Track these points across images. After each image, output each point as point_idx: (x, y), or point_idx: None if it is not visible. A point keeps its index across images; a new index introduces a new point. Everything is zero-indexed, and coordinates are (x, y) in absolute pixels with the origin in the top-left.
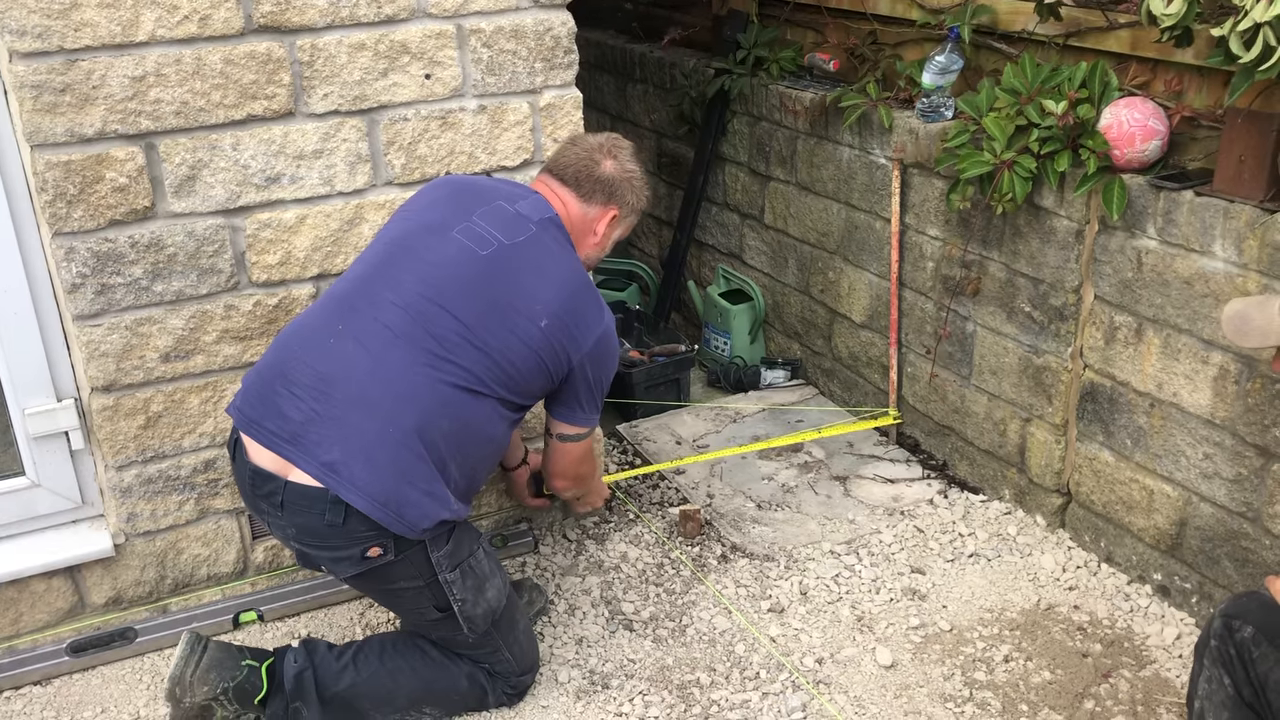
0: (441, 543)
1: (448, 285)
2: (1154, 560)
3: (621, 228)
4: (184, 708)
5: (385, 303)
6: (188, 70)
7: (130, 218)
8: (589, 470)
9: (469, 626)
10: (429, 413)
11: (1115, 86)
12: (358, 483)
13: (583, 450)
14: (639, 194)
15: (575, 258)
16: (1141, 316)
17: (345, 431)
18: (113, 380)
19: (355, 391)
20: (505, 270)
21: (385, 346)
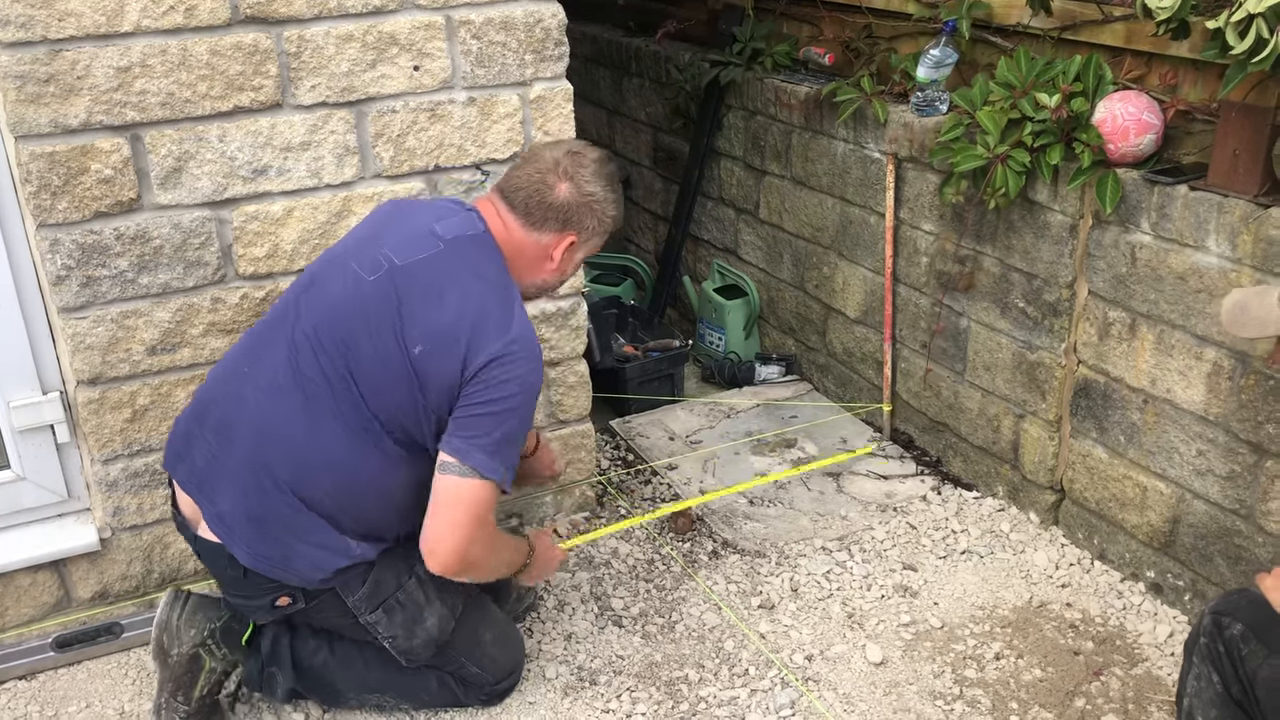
0: (355, 586)
1: (325, 319)
2: (1147, 558)
3: (585, 250)
4: (173, 661)
5: (280, 343)
6: (174, 61)
7: (116, 210)
8: (481, 549)
9: (407, 659)
10: (307, 466)
11: (1110, 80)
12: (241, 537)
13: (464, 500)
14: (601, 217)
15: (489, 275)
16: (1135, 312)
17: (233, 482)
18: (98, 373)
19: (243, 441)
20: (386, 294)
21: (270, 393)
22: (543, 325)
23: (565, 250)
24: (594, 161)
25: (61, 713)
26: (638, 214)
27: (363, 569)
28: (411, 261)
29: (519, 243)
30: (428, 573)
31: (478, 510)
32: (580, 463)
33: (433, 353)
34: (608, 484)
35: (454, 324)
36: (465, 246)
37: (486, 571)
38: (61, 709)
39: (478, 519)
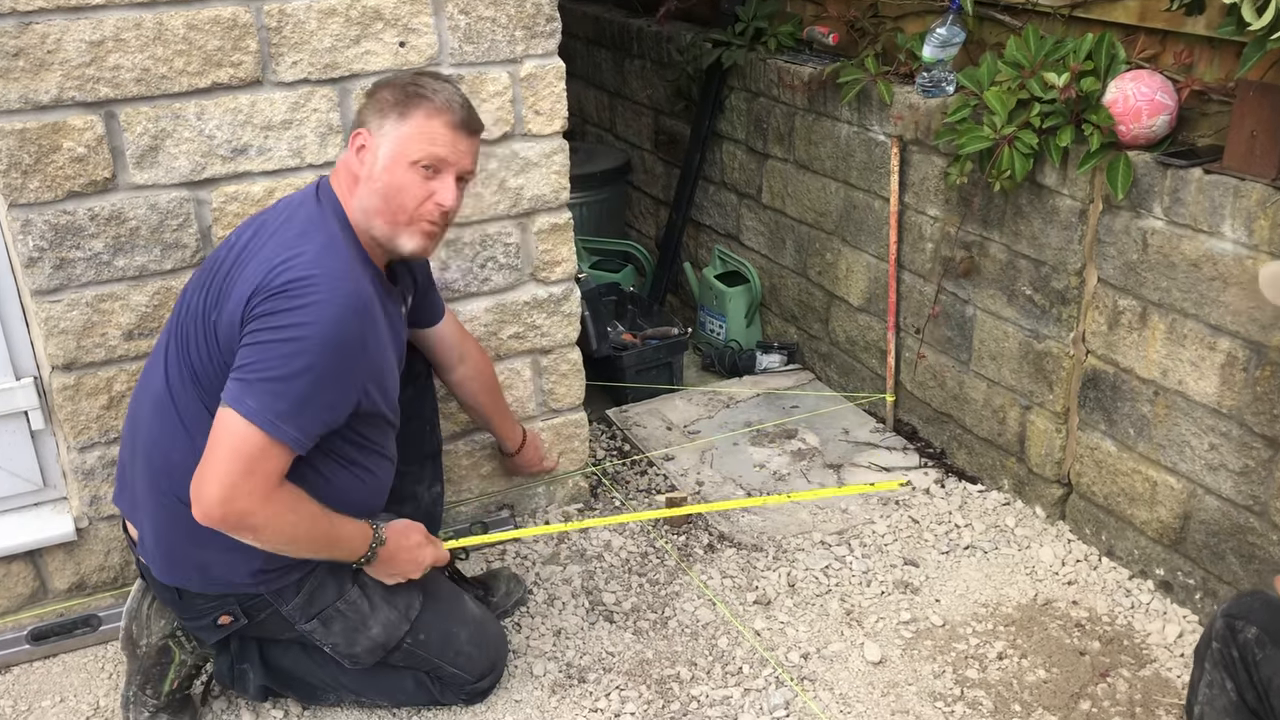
0: (289, 595)
1: (178, 322)
2: (1157, 555)
3: (388, 141)
4: (142, 652)
5: (159, 354)
6: (149, 35)
7: (90, 189)
8: (248, 499)
9: (351, 663)
10: (184, 478)
11: (1122, 59)
12: (158, 557)
13: (227, 440)
14: (390, 89)
15: (298, 216)
16: (1146, 300)
17: (145, 504)
18: (73, 358)
19: (144, 460)
20: (218, 279)
21: (154, 408)
22: (534, 312)
23: (358, 147)
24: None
25: (35, 707)
26: (639, 199)
27: (296, 576)
28: (241, 238)
29: (339, 168)
30: (365, 588)
31: (244, 456)
32: (573, 453)
33: (227, 311)
34: (602, 475)
35: (252, 275)
36: (286, 202)
37: (275, 538)
38: (35, 703)
39: (245, 468)
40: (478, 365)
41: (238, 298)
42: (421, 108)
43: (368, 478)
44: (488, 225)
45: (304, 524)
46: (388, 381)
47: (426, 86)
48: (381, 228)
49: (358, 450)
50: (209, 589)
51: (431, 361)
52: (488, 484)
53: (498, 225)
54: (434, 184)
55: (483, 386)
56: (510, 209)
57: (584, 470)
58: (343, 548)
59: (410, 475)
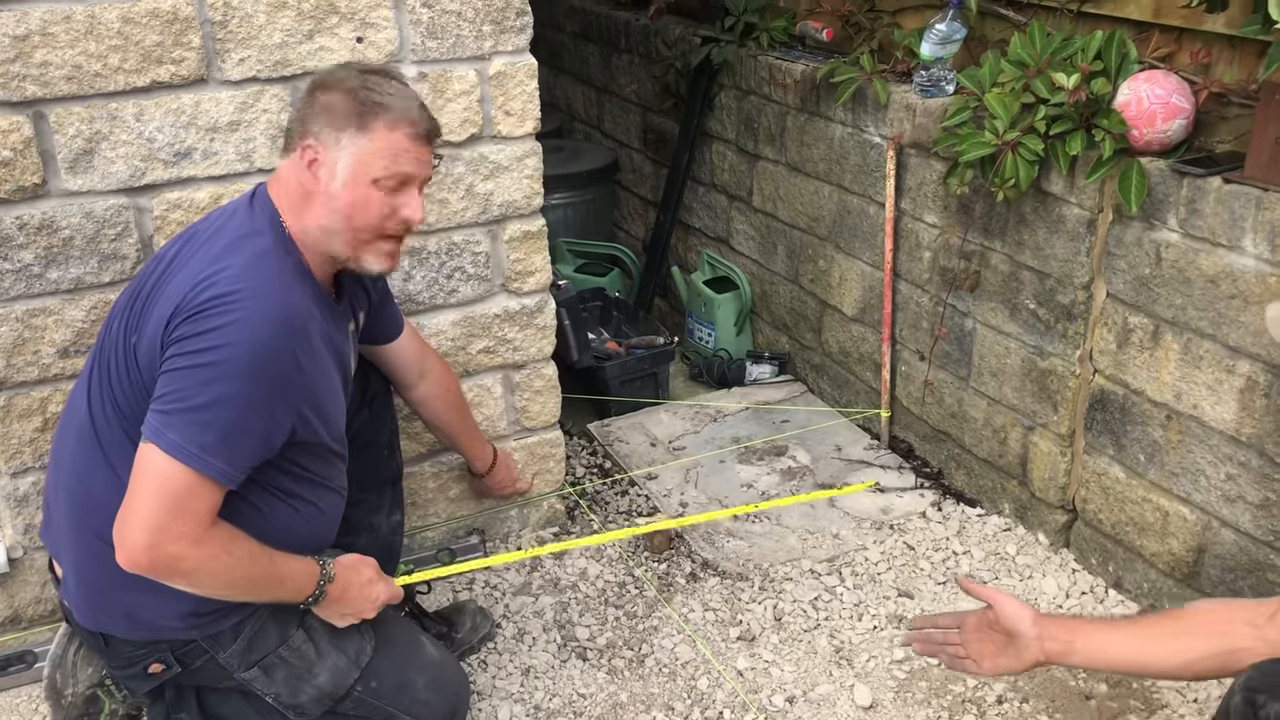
0: (226, 641)
1: (100, 351)
2: (1168, 589)
3: (346, 156)
4: (67, 703)
5: (82, 383)
6: (80, 30)
7: (17, 196)
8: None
9: (296, 715)
10: (107, 516)
11: (1135, 59)
12: (81, 601)
13: (148, 477)
14: (343, 97)
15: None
16: (1159, 318)
17: (64, 538)
18: (4, 377)
19: (66, 499)
20: (145, 287)
21: (78, 442)
22: (506, 325)
23: (309, 161)
24: (355, 66)
25: None
26: (627, 199)
27: (235, 620)
28: (160, 258)
29: (280, 178)
30: (322, 621)
31: (169, 495)
32: (548, 473)
33: (146, 335)
34: (579, 497)
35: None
36: (220, 211)
37: (211, 582)
38: None
39: (172, 508)
40: (441, 381)
41: (158, 318)
42: (381, 118)
43: (310, 512)
44: (454, 233)
45: (241, 566)
46: (328, 406)
47: (381, 92)
48: (343, 248)
49: (297, 483)
50: (136, 635)
51: (391, 379)
52: (456, 507)
53: (465, 233)
54: (399, 199)
55: (448, 404)
56: (479, 216)
57: (560, 492)
58: (287, 588)
59: (366, 504)
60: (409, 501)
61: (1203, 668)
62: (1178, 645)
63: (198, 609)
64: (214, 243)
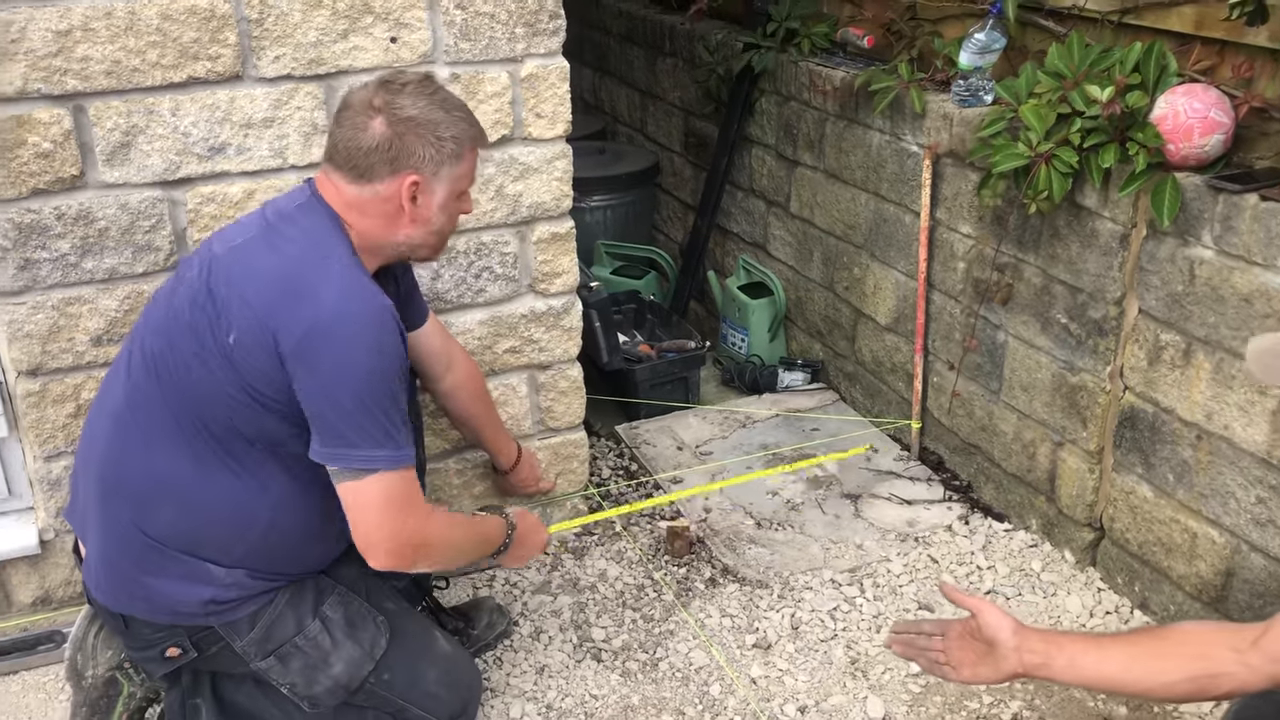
0: (243, 629)
1: (151, 332)
2: (1194, 612)
3: (445, 185)
4: (87, 684)
5: (121, 365)
6: (120, 26)
7: (56, 187)
8: (413, 530)
9: (310, 705)
10: (143, 499)
11: (1174, 71)
12: (102, 581)
13: (372, 501)
14: (437, 140)
15: (306, 241)
16: (1191, 336)
17: (95, 526)
18: (39, 364)
19: (96, 479)
20: (201, 289)
21: (113, 423)
22: (532, 325)
23: (412, 193)
24: (411, 84)
25: None
26: (667, 202)
27: (252, 609)
28: (230, 248)
29: (353, 202)
30: (337, 611)
31: (389, 502)
32: (572, 474)
33: (244, 340)
34: (601, 499)
35: (259, 301)
36: (290, 218)
37: (445, 555)
38: None
39: (396, 510)
40: (467, 373)
41: (267, 341)
42: (467, 146)
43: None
44: (483, 233)
45: (463, 531)
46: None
47: (458, 115)
48: (428, 253)
49: None
50: (156, 618)
51: (417, 371)
52: (479, 504)
53: (494, 233)
54: (463, 201)
55: (473, 396)
56: (508, 217)
57: (583, 492)
58: (492, 542)
59: None
60: (432, 497)
61: (1182, 690)
62: (1158, 665)
63: (216, 596)
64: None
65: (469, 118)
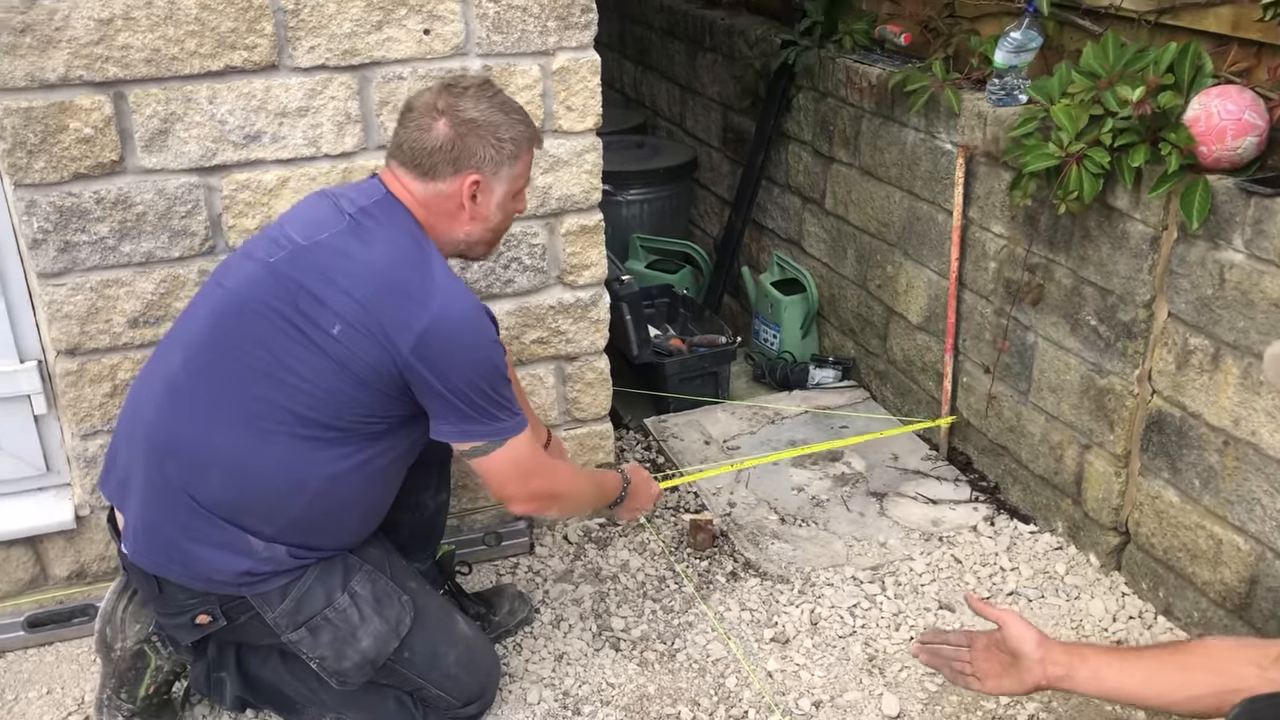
0: (274, 601)
1: (222, 309)
2: (1218, 619)
3: (504, 184)
4: (116, 656)
5: (179, 343)
6: (160, 15)
7: (96, 171)
8: (543, 483)
9: (338, 681)
10: (197, 464)
11: (1209, 72)
12: (142, 544)
13: (506, 466)
14: (497, 142)
15: (400, 240)
16: (1220, 340)
17: (138, 490)
18: (77, 344)
19: (145, 445)
20: (288, 275)
21: (168, 392)
22: (560, 316)
23: (473, 192)
24: (472, 87)
25: (22, 697)
26: (705, 197)
27: (283, 582)
28: (316, 241)
29: (421, 199)
30: (365, 587)
31: (518, 465)
32: (598, 465)
33: (351, 333)
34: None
35: (369, 301)
36: (371, 214)
37: (572, 503)
38: (23, 693)
39: (526, 471)
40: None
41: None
42: (524, 147)
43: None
44: (512, 224)
45: (586, 483)
46: None
47: (516, 118)
48: (484, 249)
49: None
50: (191, 583)
51: None
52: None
53: (523, 225)
54: (518, 199)
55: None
56: (537, 209)
57: None
58: (610, 493)
59: (414, 481)
60: (459, 484)
61: (1203, 705)
62: (1180, 679)
63: (252, 569)
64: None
65: (526, 120)
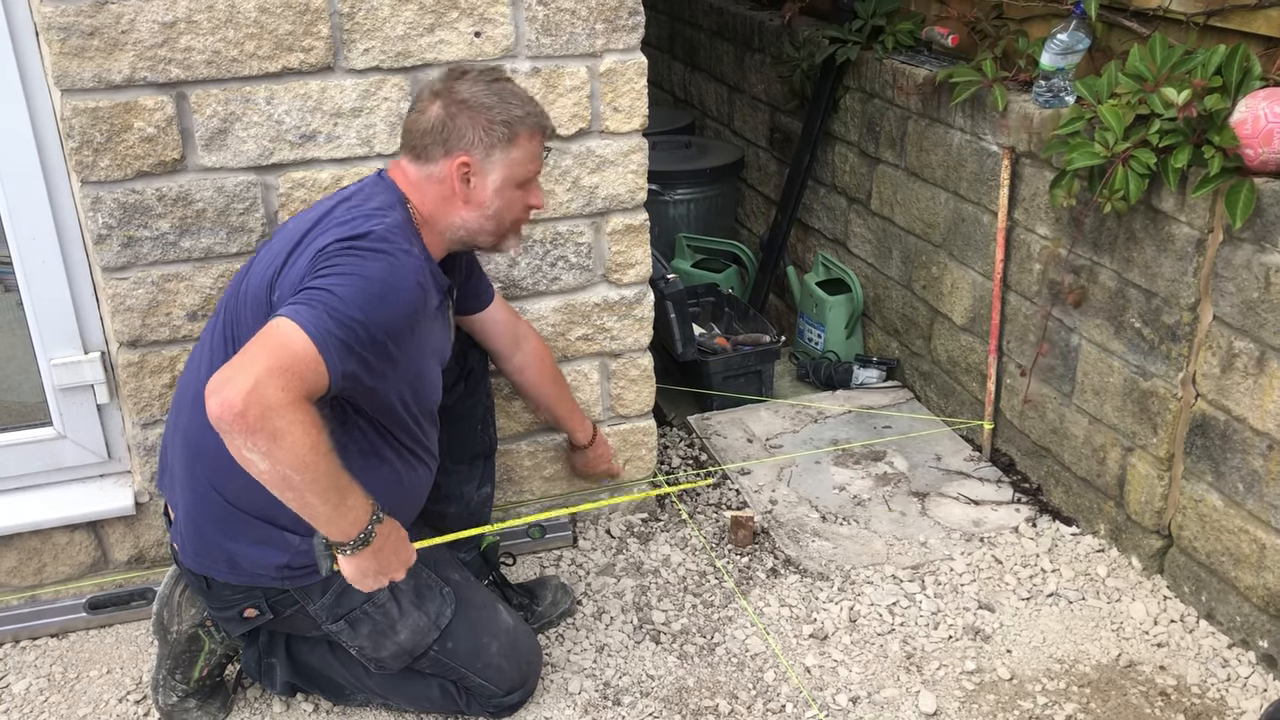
0: (315, 594)
1: (228, 308)
2: (1261, 625)
3: (498, 169)
4: (172, 638)
5: (205, 339)
6: (220, 18)
7: (158, 169)
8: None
9: (377, 667)
10: (221, 465)
11: (1258, 75)
12: (188, 543)
13: (266, 341)
14: (487, 123)
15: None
16: (1265, 344)
17: (179, 484)
18: (138, 336)
19: (183, 446)
20: (267, 258)
21: (194, 397)
22: (605, 314)
23: (462, 174)
24: (473, 72)
25: (83, 675)
26: (751, 197)
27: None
28: (294, 218)
29: (415, 182)
30: (406, 580)
31: (285, 352)
32: (640, 460)
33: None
34: (666, 484)
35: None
36: (358, 187)
37: (291, 453)
38: (84, 672)
39: (283, 364)
40: (536, 350)
41: (308, 256)
42: (523, 130)
43: (391, 477)
44: (559, 223)
45: (320, 449)
46: (426, 376)
47: (518, 103)
48: (489, 240)
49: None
50: (236, 580)
51: (488, 350)
52: (549, 486)
53: (569, 224)
54: (529, 191)
55: (544, 372)
56: (583, 208)
57: (650, 479)
58: (346, 505)
59: (458, 474)
60: (504, 478)
61: None
62: None
63: (291, 562)
64: (363, 205)
65: (528, 106)
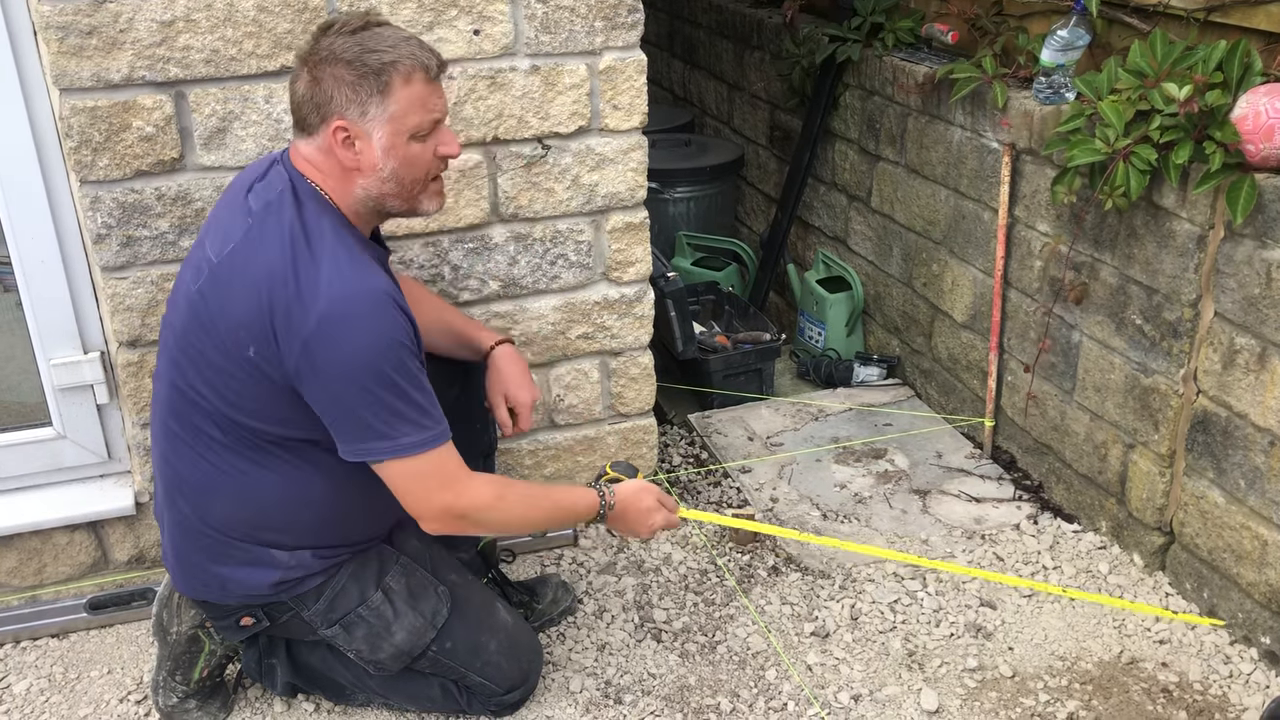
0: (309, 601)
1: (175, 338)
2: (1263, 621)
3: (383, 126)
4: (172, 640)
5: (161, 364)
6: (219, 17)
7: (157, 169)
8: (450, 499)
9: (375, 669)
10: (199, 494)
11: (1259, 70)
12: (176, 572)
13: (402, 488)
14: (354, 77)
15: (293, 236)
16: (1267, 340)
17: (164, 517)
18: (138, 335)
19: (158, 475)
20: (209, 301)
21: (161, 424)
22: (605, 312)
23: (343, 140)
24: (337, 23)
25: (84, 676)
26: (751, 195)
27: (318, 582)
28: (224, 255)
29: (312, 160)
30: (400, 581)
31: (423, 482)
32: (641, 459)
33: (264, 350)
34: (668, 485)
35: (264, 313)
36: (273, 210)
37: (496, 523)
38: (84, 672)
39: (431, 487)
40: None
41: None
42: (396, 76)
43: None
44: (559, 221)
45: (519, 505)
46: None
47: (381, 47)
48: (399, 203)
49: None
50: (229, 601)
51: None
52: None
53: (569, 222)
54: (434, 141)
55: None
56: (583, 206)
57: (651, 478)
58: (566, 514)
59: None
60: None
61: None
62: None
63: (283, 578)
64: (276, 256)
65: (396, 46)
